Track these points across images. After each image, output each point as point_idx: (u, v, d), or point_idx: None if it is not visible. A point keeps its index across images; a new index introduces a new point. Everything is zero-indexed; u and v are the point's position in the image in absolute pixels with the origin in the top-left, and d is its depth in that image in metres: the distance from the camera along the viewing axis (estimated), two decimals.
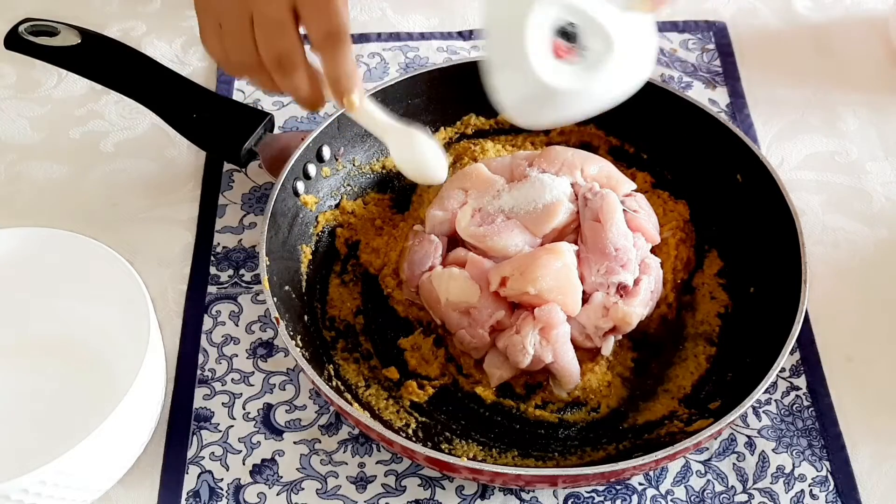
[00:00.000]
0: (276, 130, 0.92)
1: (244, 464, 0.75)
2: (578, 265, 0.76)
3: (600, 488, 0.74)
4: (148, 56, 0.90)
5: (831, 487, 0.74)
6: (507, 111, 0.70)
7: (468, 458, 0.73)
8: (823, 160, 0.95)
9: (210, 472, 0.75)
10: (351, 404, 0.71)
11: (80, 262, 0.75)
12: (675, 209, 0.86)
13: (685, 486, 0.74)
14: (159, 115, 0.89)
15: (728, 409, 0.69)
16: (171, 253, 0.88)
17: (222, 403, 0.79)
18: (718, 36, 1.05)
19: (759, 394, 0.68)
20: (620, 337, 0.78)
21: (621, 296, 0.76)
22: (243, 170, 0.93)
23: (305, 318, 0.80)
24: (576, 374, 0.76)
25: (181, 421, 0.78)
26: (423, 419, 0.76)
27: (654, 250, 0.81)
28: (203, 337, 0.82)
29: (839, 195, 0.92)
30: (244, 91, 1.01)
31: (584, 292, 0.76)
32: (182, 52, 1.04)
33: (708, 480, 0.75)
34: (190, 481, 0.75)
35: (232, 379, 0.80)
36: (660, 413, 0.76)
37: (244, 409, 0.78)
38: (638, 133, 0.90)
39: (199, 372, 0.80)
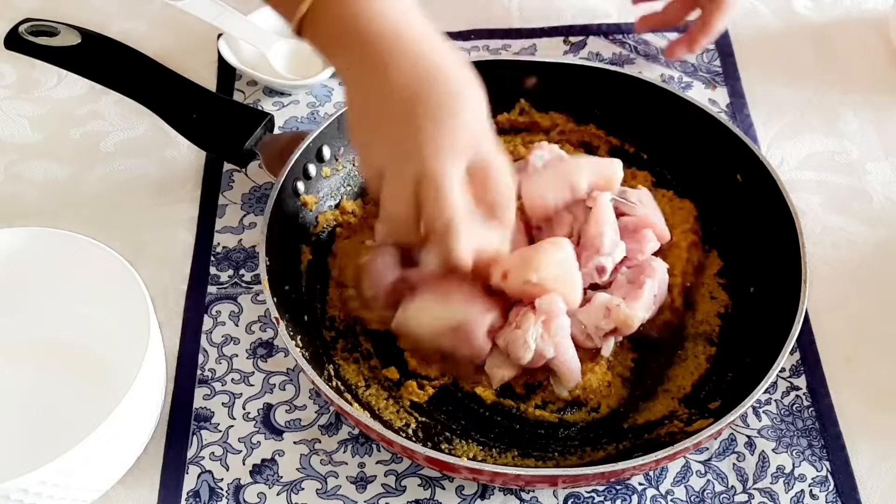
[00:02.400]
0: (276, 130, 0.92)
1: (244, 464, 0.75)
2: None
3: (600, 488, 0.74)
4: (148, 56, 0.90)
5: (831, 487, 0.74)
6: None
7: (468, 458, 0.73)
8: (823, 160, 0.95)
9: (210, 472, 0.75)
10: (351, 404, 0.71)
11: (80, 262, 0.75)
12: (683, 206, 0.86)
13: (685, 486, 0.74)
14: (159, 115, 0.89)
15: (728, 409, 0.69)
16: (171, 253, 0.88)
17: (222, 403, 0.79)
18: (718, 36, 1.05)
19: (759, 394, 0.68)
20: (621, 338, 0.78)
21: (601, 277, 0.76)
22: (243, 170, 0.93)
23: (305, 318, 0.80)
24: (577, 372, 0.76)
25: (181, 421, 0.78)
26: (423, 419, 0.76)
27: (664, 254, 0.81)
28: (203, 337, 0.82)
29: (839, 195, 0.92)
30: (244, 91, 1.01)
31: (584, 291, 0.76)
32: (182, 52, 1.03)
33: (708, 480, 0.75)
34: (190, 481, 0.75)
35: (232, 379, 0.80)
36: (660, 413, 0.76)
37: (244, 409, 0.78)
38: (638, 133, 0.90)
39: (199, 372, 0.80)
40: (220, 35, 1.00)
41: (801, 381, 0.80)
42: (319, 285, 0.83)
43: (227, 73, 1.02)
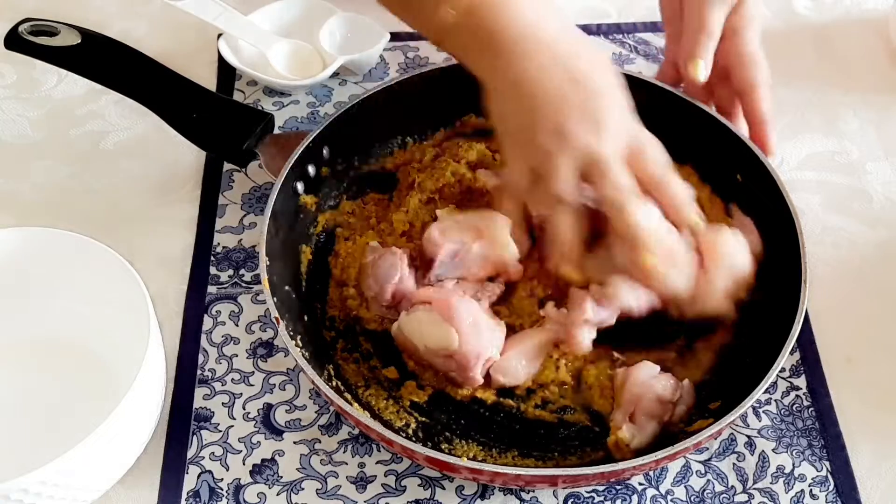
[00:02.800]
0: (276, 130, 0.92)
1: (244, 464, 0.76)
2: None
3: (600, 488, 0.74)
4: (148, 56, 0.90)
5: (831, 487, 0.74)
6: None
7: (468, 458, 0.73)
8: (823, 160, 0.95)
9: (210, 472, 0.75)
10: (351, 404, 0.71)
11: (80, 262, 0.75)
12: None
13: (685, 486, 0.74)
14: (159, 115, 0.89)
15: (728, 409, 0.69)
16: (171, 253, 0.88)
17: (222, 403, 0.79)
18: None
19: (759, 394, 0.68)
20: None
21: None
22: (243, 170, 0.93)
23: (305, 318, 0.80)
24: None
25: (181, 421, 0.78)
26: (423, 419, 0.76)
27: None
28: (203, 337, 0.82)
29: (839, 195, 0.92)
30: (244, 91, 1.01)
31: None
32: (182, 52, 1.03)
33: (708, 480, 0.75)
34: (190, 481, 0.75)
35: (232, 379, 0.80)
36: None
37: (244, 409, 0.78)
38: None
39: (199, 372, 0.80)
40: (220, 35, 1.00)
41: (801, 381, 0.80)
42: (319, 285, 0.83)
43: (227, 73, 1.02)
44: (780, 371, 0.76)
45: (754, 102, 0.85)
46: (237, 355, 0.81)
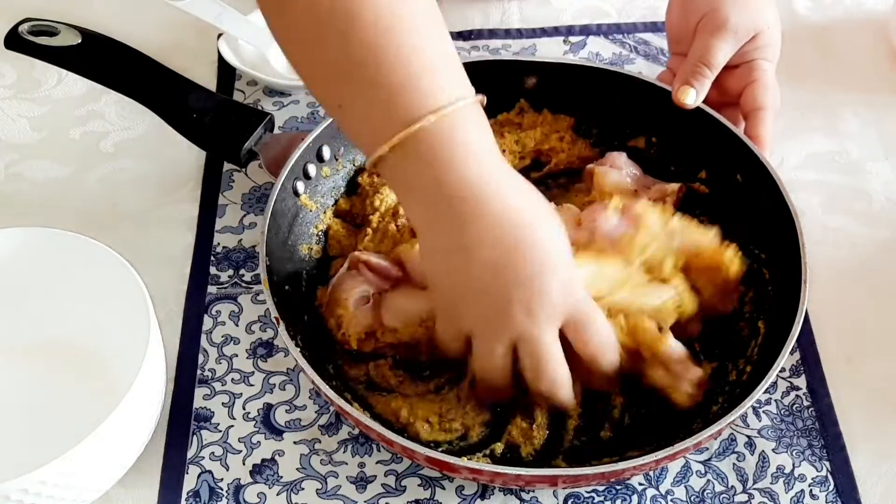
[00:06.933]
0: (276, 130, 0.92)
1: (244, 464, 0.75)
2: None
3: (600, 488, 0.74)
4: (148, 56, 0.90)
5: (831, 487, 0.74)
6: None
7: (468, 458, 0.73)
8: (823, 160, 0.95)
9: (210, 472, 0.75)
10: (351, 404, 0.71)
11: (80, 262, 0.75)
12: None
13: (685, 486, 0.74)
14: (159, 115, 0.89)
15: (728, 409, 0.69)
16: (171, 253, 0.88)
17: (222, 403, 0.79)
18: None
19: (759, 394, 0.68)
20: None
21: None
22: (243, 170, 0.93)
23: (305, 318, 0.80)
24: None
25: (181, 421, 0.78)
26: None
27: None
28: (203, 337, 0.82)
29: (839, 195, 0.92)
30: (244, 91, 1.01)
31: None
32: (182, 52, 1.04)
33: (708, 480, 0.75)
34: (190, 481, 0.75)
35: (232, 379, 0.80)
36: None
37: (244, 409, 0.78)
38: (638, 133, 0.90)
39: (199, 372, 0.80)
40: (220, 35, 1.00)
41: (801, 381, 0.80)
42: (319, 285, 0.83)
43: (227, 73, 1.02)
44: (780, 371, 0.76)
45: (755, 122, 0.85)
46: (237, 355, 0.81)
